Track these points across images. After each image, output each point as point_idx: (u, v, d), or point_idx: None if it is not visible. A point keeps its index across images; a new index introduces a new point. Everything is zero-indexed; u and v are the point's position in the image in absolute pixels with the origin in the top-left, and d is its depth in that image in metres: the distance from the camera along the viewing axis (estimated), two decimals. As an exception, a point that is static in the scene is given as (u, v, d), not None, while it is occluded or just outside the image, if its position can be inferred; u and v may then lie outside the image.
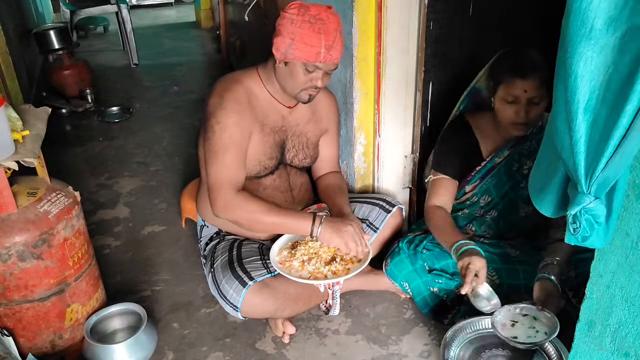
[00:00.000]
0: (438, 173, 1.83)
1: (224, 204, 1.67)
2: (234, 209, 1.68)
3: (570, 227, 0.95)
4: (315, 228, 1.68)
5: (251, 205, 1.67)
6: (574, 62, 0.81)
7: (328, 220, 1.69)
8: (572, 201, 0.93)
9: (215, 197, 1.68)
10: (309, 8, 1.56)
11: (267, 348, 1.76)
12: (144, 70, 4.89)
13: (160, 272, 2.15)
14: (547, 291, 1.52)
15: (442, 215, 1.76)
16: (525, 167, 1.77)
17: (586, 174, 0.88)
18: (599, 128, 0.84)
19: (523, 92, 1.59)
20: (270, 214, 1.68)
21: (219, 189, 1.67)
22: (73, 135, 3.54)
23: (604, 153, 0.83)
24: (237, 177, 1.69)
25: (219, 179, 1.67)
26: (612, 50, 0.79)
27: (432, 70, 1.94)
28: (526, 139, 1.75)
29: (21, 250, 1.47)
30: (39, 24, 4.84)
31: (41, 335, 1.61)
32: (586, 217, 0.92)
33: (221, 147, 1.66)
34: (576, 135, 0.86)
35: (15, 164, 1.43)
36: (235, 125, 1.66)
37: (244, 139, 1.69)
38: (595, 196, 0.90)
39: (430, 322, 1.84)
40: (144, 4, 7.69)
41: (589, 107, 0.83)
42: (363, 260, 1.68)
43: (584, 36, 0.79)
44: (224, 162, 1.66)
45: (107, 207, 2.63)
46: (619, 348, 1.04)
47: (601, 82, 0.82)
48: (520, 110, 1.62)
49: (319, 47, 1.55)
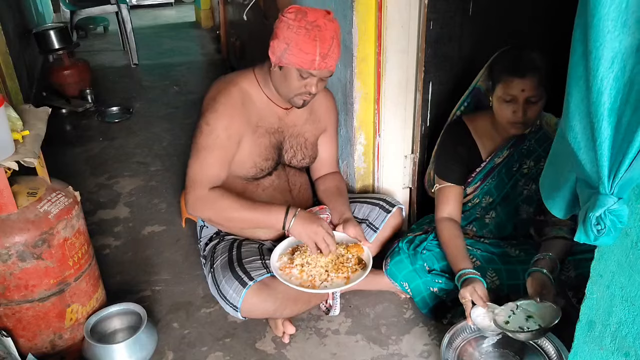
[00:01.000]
0: (443, 181, 1.83)
1: (194, 200, 1.69)
2: (204, 205, 1.69)
3: (593, 229, 0.94)
4: (287, 222, 1.67)
5: (222, 202, 1.67)
6: (600, 64, 0.81)
7: (301, 217, 1.68)
8: (594, 203, 0.92)
9: (189, 194, 1.70)
10: (306, 13, 1.54)
11: (267, 348, 1.76)
12: (144, 70, 4.89)
13: (160, 272, 2.15)
14: (541, 283, 1.52)
15: (450, 234, 1.75)
16: (525, 166, 1.76)
17: (609, 175, 0.88)
18: (622, 129, 0.84)
19: (521, 92, 1.59)
20: (241, 209, 1.68)
21: (193, 185, 1.69)
22: (73, 135, 3.54)
23: (628, 154, 0.83)
24: (214, 177, 1.69)
25: (196, 176, 1.68)
26: (638, 52, 0.80)
27: (432, 70, 1.94)
28: (525, 138, 1.74)
29: (21, 250, 1.47)
30: (39, 24, 4.84)
31: (41, 335, 1.61)
32: (610, 218, 0.92)
33: (205, 148, 1.67)
34: (601, 137, 0.85)
35: (15, 164, 1.43)
36: (224, 129, 1.66)
37: (231, 143, 1.69)
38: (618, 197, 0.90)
39: (430, 322, 1.84)
40: (144, 4, 7.69)
41: (613, 109, 0.83)
42: (365, 267, 1.68)
43: (609, 38, 0.79)
44: (204, 162, 1.67)
45: (107, 207, 2.63)
46: (619, 348, 1.03)
47: (625, 83, 0.82)
48: (518, 109, 1.61)
49: (313, 55, 1.54)
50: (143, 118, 3.76)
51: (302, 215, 1.68)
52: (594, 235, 0.95)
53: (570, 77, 0.90)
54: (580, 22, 0.85)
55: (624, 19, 0.78)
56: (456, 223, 1.80)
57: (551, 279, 1.53)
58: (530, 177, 1.76)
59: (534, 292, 1.51)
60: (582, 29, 0.84)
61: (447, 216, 1.80)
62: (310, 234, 1.66)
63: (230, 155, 1.71)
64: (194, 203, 1.69)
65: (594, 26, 0.80)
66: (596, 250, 1.04)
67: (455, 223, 1.79)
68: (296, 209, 1.70)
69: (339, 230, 1.80)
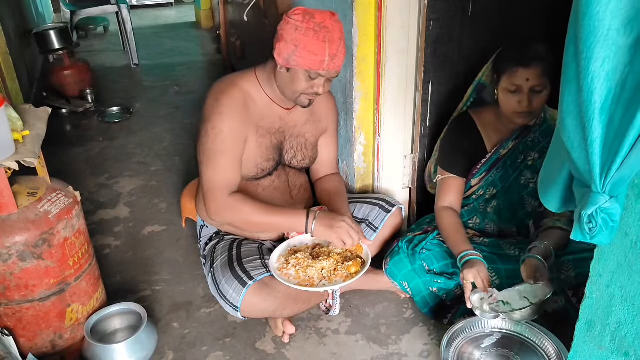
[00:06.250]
0: (445, 172, 1.85)
1: (217, 207, 1.69)
2: (227, 211, 1.69)
3: (585, 227, 0.95)
4: (309, 225, 1.68)
5: (245, 207, 1.68)
6: (591, 63, 0.82)
7: (322, 217, 1.69)
8: (587, 201, 0.93)
9: (209, 201, 1.69)
10: (313, 15, 1.54)
11: (267, 348, 1.76)
12: (144, 71, 4.89)
13: (161, 272, 2.15)
14: (534, 267, 1.55)
15: (451, 220, 1.78)
16: (529, 158, 1.78)
17: (601, 174, 0.89)
18: (614, 128, 0.84)
19: (525, 81, 1.62)
20: (263, 214, 1.69)
21: (213, 192, 1.69)
22: (73, 135, 3.54)
23: (620, 152, 0.84)
24: (231, 181, 1.70)
25: (213, 183, 1.68)
26: (629, 51, 0.80)
27: (432, 70, 1.94)
28: (530, 130, 1.76)
29: (21, 250, 1.47)
30: (39, 24, 4.84)
31: (41, 335, 1.62)
32: (602, 216, 0.92)
33: (216, 152, 1.67)
34: (592, 136, 0.86)
35: (16, 164, 1.43)
36: (230, 130, 1.66)
37: (239, 144, 1.69)
38: (610, 195, 0.91)
39: (430, 322, 1.84)
40: (144, 4, 7.69)
41: (604, 108, 0.84)
42: (363, 265, 1.68)
43: (600, 38, 0.80)
44: (218, 167, 1.67)
45: (108, 207, 2.63)
46: (618, 348, 1.04)
47: (617, 83, 0.82)
48: (524, 99, 1.64)
49: (323, 56, 1.55)
50: (143, 118, 3.76)
51: (322, 216, 1.70)
52: (588, 234, 0.95)
53: (564, 76, 0.90)
54: (572, 22, 0.86)
55: (615, 18, 0.79)
56: (456, 212, 1.82)
57: (545, 263, 1.55)
58: (534, 169, 1.78)
59: (528, 277, 1.55)
60: (574, 28, 0.85)
61: (448, 205, 1.82)
62: (335, 232, 1.67)
63: (240, 156, 1.71)
64: (217, 210, 1.70)
65: (584, 25, 0.81)
66: (596, 250, 1.04)
67: (455, 212, 1.82)
68: (315, 211, 1.71)
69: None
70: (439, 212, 1.83)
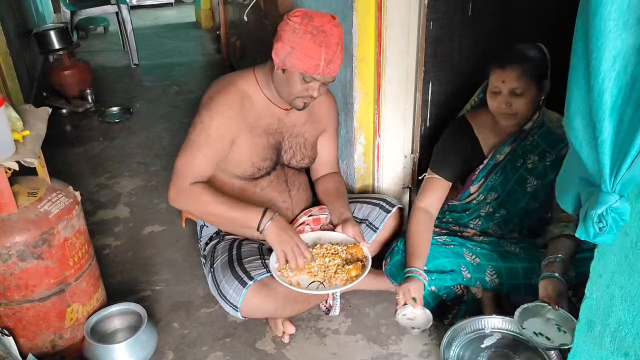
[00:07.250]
0: (433, 173, 1.84)
1: (176, 192, 1.70)
2: (184, 197, 1.70)
3: (595, 227, 0.95)
4: (262, 223, 1.68)
5: (202, 197, 1.68)
6: (601, 63, 0.82)
7: (277, 222, 1.68)
8: (596, 200, 0.93)
9: (171, 186, 1.72)
10: (312, 18, 1.54)
11: (267, 348, 1.76)
12: (144, 71, 4.90)
13: (160, 272, 2.15)
14: (557, 290, 1.50)
15: (420, 227, 1.76)
16: (529, 161, 1.77)
17: (611, 173, 0.89)
18: (624, 127, 0.85)
19: (501, 83, 1.63)
20: (220, 205, 1.69)
21: (177, 177, 1.70)
22: (73, 135, 3.54)
23: (630, 152, 0.84)
24: (198, 173, 1.71)
25: (182, 169, 1.70)
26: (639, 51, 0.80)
27: (432, 70, 1.94)
28: (527, 133, 1.75)
29: (21, 250, 1.47)
30: (39, 24, 4.85)
31: (41, 335, 1.62)
32: (612, 215, 0.93)
33: (195, 144, 1.68)
34: (602, 136, 0.86)
35: (16, 164, 1.43)
36: (216, 128, 1.67)
37: (223, 143, 1.70)
38: (620, 195, 0.91)
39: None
40: (144, 4, 7.70)
41: (615, 108, 0.84)
42: (363, 268, 1.68)
43: (611, 38, 0.80)
44: (193, 157, 1.69)
45: (107, 207, 2.63)
46: (618, 348, 1.04)
47: (627, 82, 0.83)
48: (502, 101, 1.65)
49: (318, 60, 1.54)
50: (143, 118, 3.77)
51: (278, 221, 1.69)
52: (594, 233, 0.96)
53: (572, 76, 0.90)
54: (581, 22, 0.86)
55: (625, 19, 0.79)
56: (430, 217, 1.81)
57: (565, 285, 1.52)
58: (535, 172, 1.77)
59: (547, 298, 1.50)
60: (583, 28, 0.85)
61: (425, 207, 1.81)
62: (280, 241, 1.66)
63: (219, 155, 1.72)
64: (175, 195, 1.72)
65: (595, 26, 0.81)
66: (596, 249, 1.04)
67: (430, 217, 1.80)
68: (274, 212, 1.70)
69: (338, 230, 1.81)
70: (414, 211, 1.82)
